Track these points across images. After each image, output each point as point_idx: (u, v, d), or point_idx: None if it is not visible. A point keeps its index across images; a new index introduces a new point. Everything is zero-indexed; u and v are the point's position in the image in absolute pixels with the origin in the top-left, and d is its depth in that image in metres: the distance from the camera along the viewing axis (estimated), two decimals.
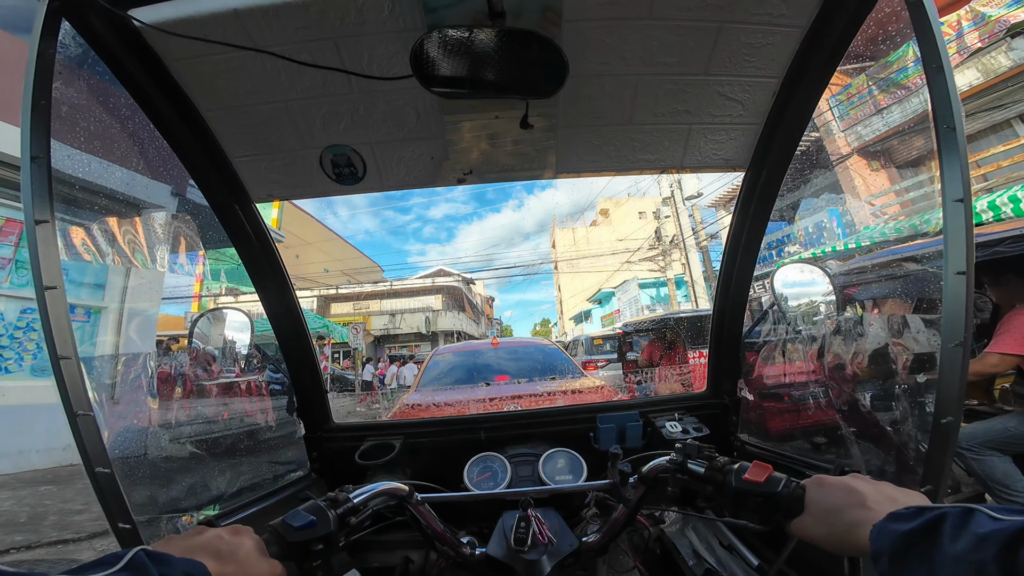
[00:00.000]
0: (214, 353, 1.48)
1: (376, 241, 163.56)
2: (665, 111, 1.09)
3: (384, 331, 27.59)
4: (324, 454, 1.49)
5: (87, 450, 0.71)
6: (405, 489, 0.86)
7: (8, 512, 4.05)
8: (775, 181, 1.15)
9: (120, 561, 0.42)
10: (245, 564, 0.54)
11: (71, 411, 0.70)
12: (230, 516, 1.05)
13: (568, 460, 1.28)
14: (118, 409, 1.01)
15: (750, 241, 1.24)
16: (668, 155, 1.19)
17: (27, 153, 0.70)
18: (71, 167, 0.90)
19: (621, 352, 7.70)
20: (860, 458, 1.10)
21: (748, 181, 1.19)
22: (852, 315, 1.17)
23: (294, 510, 0.65)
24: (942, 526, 0.41)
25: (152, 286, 6.94)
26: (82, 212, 1.07)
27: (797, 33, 0.95)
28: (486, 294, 54.53)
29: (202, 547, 0.53)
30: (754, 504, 0.65)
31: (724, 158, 1.18)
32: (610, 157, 1.18)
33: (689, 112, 1.09)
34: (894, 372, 1.07)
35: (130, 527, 0.73)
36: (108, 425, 0.84)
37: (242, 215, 1.23)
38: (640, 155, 1.18)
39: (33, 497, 4.51)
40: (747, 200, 1.20)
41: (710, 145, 1.17)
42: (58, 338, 0.72)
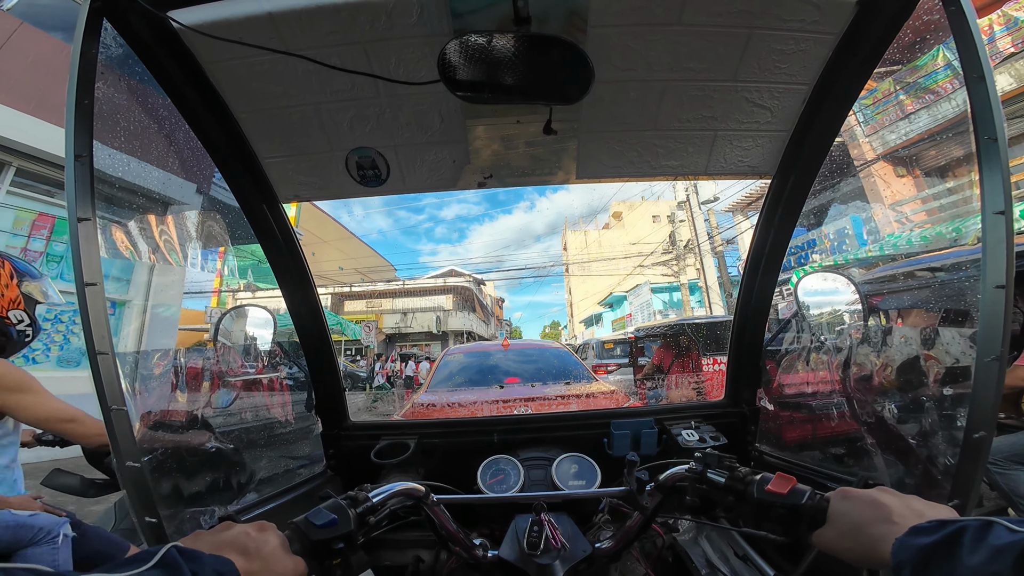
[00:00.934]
0: (237, 349, 1.51)
1: (389, 240, 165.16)
2: (691, 117, 1.08)
3: (396, 330, 27.84)
4: (340, 451, 1.51)
5: (119, 444, 0.72)
6: (422, 490, 0.87)
7: None
8: (802, 189, 1.13)
9: (152, 558, 0.43)
10: (271, 561, 0.55)
11: (106, 405, 0.72)
12: (249, 511, 1.06)
13: (581, 465, 1.28)
14: (147, 404, 1.04)
15: (774, 249, 1.22)
16: (692, 161, 1.18)
17: (71, 152, 0.71)
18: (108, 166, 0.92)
19: (633, 357, 7.63)
20: (884, 471, 1.07)
21: (774, 188, 1.18)
22: (880, 325, 1.14)
23: (316, 508, 0.65)
24: (962, 539, 0.41)
25: (174, 281, 7.12)
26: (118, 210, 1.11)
27: (830, 40, 0.94)
28: (496, 295, 54.65)
29: (230, 543, 0.54)
30: (776, 515, 0.64)
31: (750, 165, 1.17)
32: (632, 163, 1.18)
33: (715, 118, 1.07)
34: (923, 384, 1.04)
35: (156, 521, 0.74)
36: (138, 420, 0.86)
37: (269, 215, 1.26)
38: (663, 161, 1.17)
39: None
40: (773, 207, 1.18)
41: (736, 152, 1.15)
42: (96, 333, 0.73)
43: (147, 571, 0.41)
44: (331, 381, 1.48)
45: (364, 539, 0.69)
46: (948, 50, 7.98)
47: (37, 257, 5.95)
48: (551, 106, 0.94)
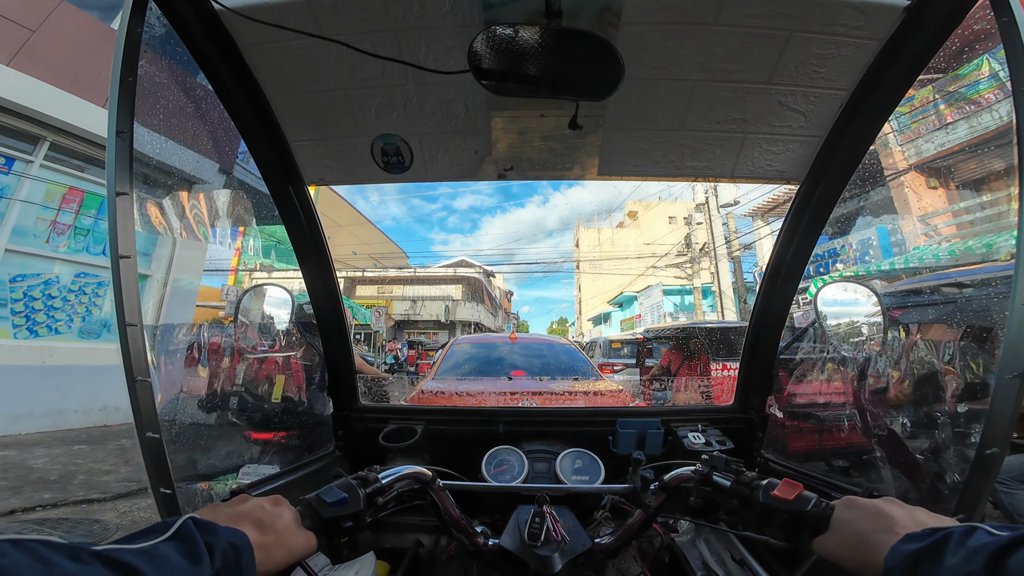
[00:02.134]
0: (256, 328, 1.55)
1: (402, 227, 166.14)
2: (720, 118, 1.06)
3: (404, 316, 28.09)
4: (349, 433, 1.54)
5: (141, 415, 0.74)
6: (429, 474, 0.88)
7: (41, 469, 4.16)
8: (831, 197, 1.11)
9: (169, 529, 0.44)
10: (284, 535, 0.56)
11: (131, 376, 0.74)
12: (260, 486, 1.09)
13: (585, 461, 1.29)
14: (168, 377, 1.07)
15: (797, 256, 1.20)
16: (719, 163, 1.16)
17: (113, 128, 0.73)
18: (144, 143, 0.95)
19: (640, 358, 7.58)
20: (891, 483, 1.06)
21: (802, 195, 1.16)
22: (900, 338, 1.12)
23: (327, 486, 0.67)
24: (948, 543, 0.42)
25: (195, 257, 7.26)
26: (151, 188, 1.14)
27: (873, 46, 0.91)
28: (505, 288, 54.68)
29: (245, 516, 0.55)
30: (780, 521, 0.65)
31: (778, 169, 1.15)
32: (656, 162, 1.17)
33: (746, 121, 1.06)
34: (940, 399, 1.03)
35: (170, 492, 0.77)
36: (160, 392, 0.89)
37: (295, 196, 1.28)
38: (689, 162, 1.15)
39: (66, 456, 4.65)
40: (799, 214, 1.16)
41: (765, 156, 1.13)
42: (127, 305, 0.76)
43: (163, 542, 0.42)
44: (344, 363, 1.51)
45: (372, 519, 0.71)
46: (994, 60, 7.66)
47: (66, 230, 6.13)
48: (578, 101, 0.94)
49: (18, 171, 5.74)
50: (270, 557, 0.53)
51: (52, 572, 0.32)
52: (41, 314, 5.86)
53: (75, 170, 6.25)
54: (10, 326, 5.55)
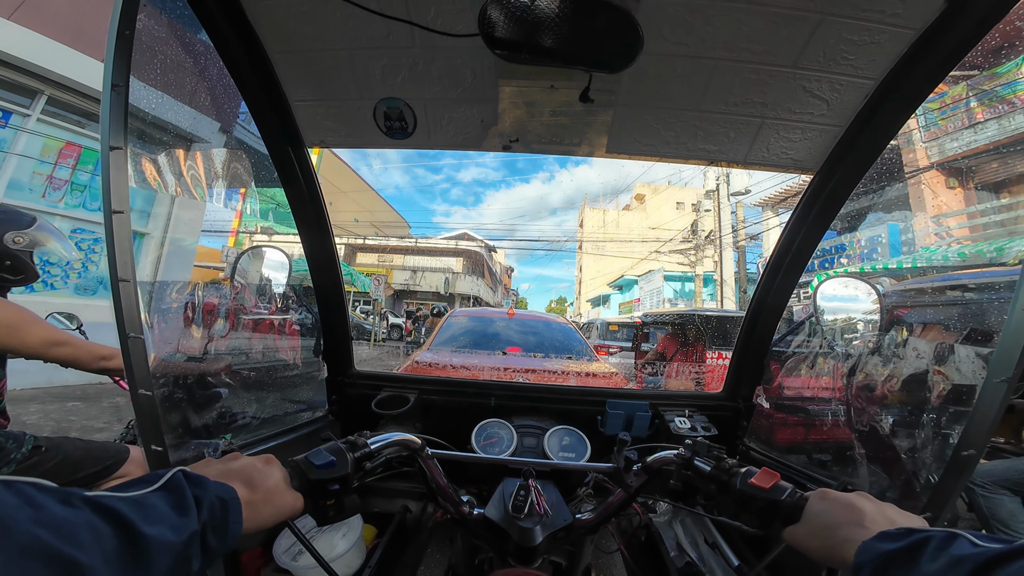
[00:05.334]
0: (251, 288, 1.55)
1: (405, 197, 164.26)
2: (739, 101, 1.02)
3: (404, 286, 28.16)
4: (343, 398, 1.56)
5: (134, 372, 0.74)
6: (418, 442, 0.90)
7: (34, 425, 4.16)
8: (844, 189, 1.07)
9: (159, 480, 0.45)
10: (273, 494, 0.58)
11: (123, 332, 0.73)
12: (252, 447, 1.11)
13: (573, 438, 1.31)
14: (162, 334, 1.07)
15: (802, 248, 1.18)
16: (732, 148, 1.12)
17: (108, 81, 0.71)
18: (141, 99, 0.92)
19: (636, 342, 7.64)
20: (866, 478, 1.09)
21: (815, 185, 1.13)
22: (895, 337, 1.12)
23: (316, 449, 0.68)
24: (925, 548, 0.42)
25: (194, 216, 7.19)
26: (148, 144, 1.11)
27: (909, 35, 0.86)
28: (506, 264, 54.54)
29: (236, 472, 0.56)
30: (755, 508, 0.66)
31: (794, 158, 1.11)
32: (667, 143, 1.13)
33: (765, 105, 1.01)
34: (926, 399, 1.03)
35: (162, 449, 0.77)
36: (153, 349, 0.89)
37: (295, 158, 1.25)
38: (701, 144, 1.12)
39: (60, 412, 4.69)
40: (808, 205, 1.14)
41: (781, 143, 1.09)
42: (120, 260, 0.74)
43: (152, 492, 0.43)
44: (340, 329, 1.51)
45: (359, 483, 0.72)
46: None
47: (62, 185, 6.06)
48: (591, 73, 0.90)
49: (15, 125, 5.63)
50: (257, 514, 0.55)
51: (41, 514, 0.33)
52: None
53: (73, 125, 6.11)
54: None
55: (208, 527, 0.44)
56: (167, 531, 0.40)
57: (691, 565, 1.19)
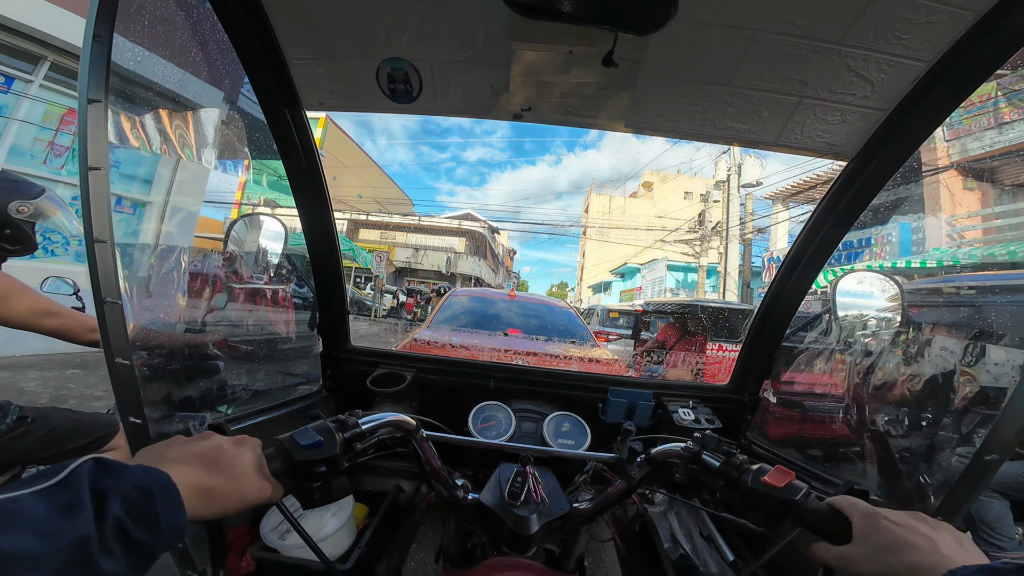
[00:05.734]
0: (246, 258, 1.49)
1: (409, 174, 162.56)
2: (776, 78, 0.93)
3: (406, 264, 28.13)
4: (338, 374, 1.53)
5: (110, 339, 0.70)
6: (412, 423, 0.86)
7: (32, 392, 4.15)
8: (879, 179, 1.00)
9: (60, 472, 0.39)
10: (238, 480, 0.53)
11: (99, 297, 0.69)
12: (240, 422, 1.08)
13: (573, 425, 1.28)
14: (145, 301, 1.02)
15: (827, 240, 1.11)
16: (763, 128, 1.03)
17: (90, 30, 0.67)
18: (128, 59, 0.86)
19: (637, 330, 7.62)
20: (875, 478, 1.06)
21: (848, 173, 1.04)
22: (915, 335, 1.07)
23: (303, 428, 0.63)
24: None
25: (196, 184, 7.10)
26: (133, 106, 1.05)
27: (968, 18, 0.78)
28: (508, 246, 54.28)
29: (199, 455, 0.52)
30: (765, 506, 0.64)
31: (829, 142, 1.02)
32: (693, 119, 1.04)
33: (805, 83, 0.92)
34: (949, 400, 0.99)
35: (140, 422, 0.74)
36: (134, 316, 0.84)
37: (291, 122, 1.18)
38: (730, 123, 1.03)
39: (59, 380, 4.65)
40: (839, 194, 1.06)
41: (817, 125, 1.01)
42: (96, 220, 0.70)
43: (40, 491, 0.37)
44: (337, 302, 1.47)
45: (348, 464, 0.68)
46: None
47: (63, 152, 5.98)
48: (616, 34, 0.81)
49: (17, 90, 5.56)
50: (215, 501, 0.50)
51: None
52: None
53: (75, 91, 6.00)
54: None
55: (128, 521, 0.39)
56: (33, 540, 0.33)
57: (685, 558, 1.17)
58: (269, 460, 0.58)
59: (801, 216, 13.93)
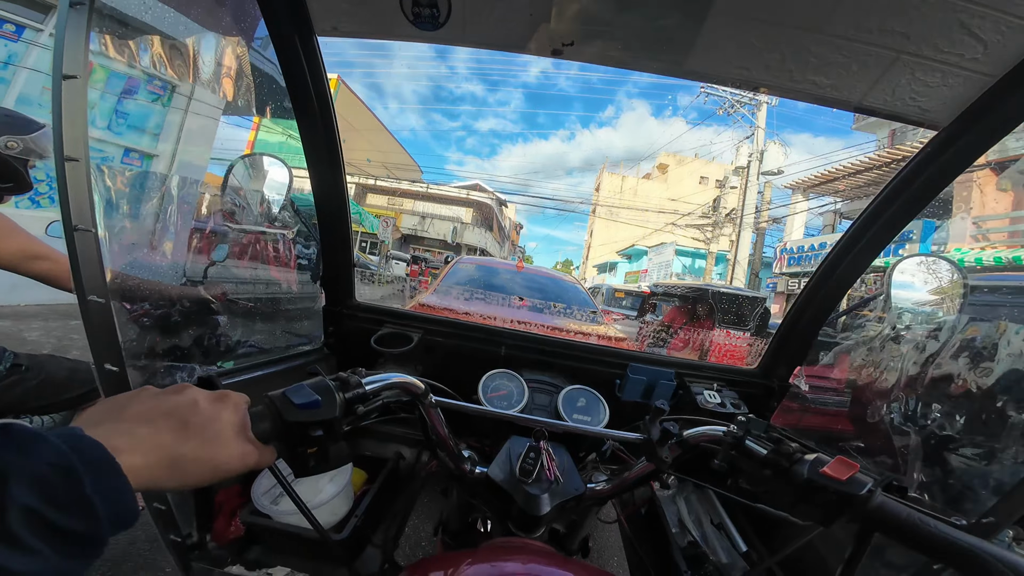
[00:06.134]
0: (246, 201, 1.38)
1: (420, 141, 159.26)
2: (875, 28, 0.78)
3: (412, 231, 27.90)
4: (341, 331, 1.44)
5: (81, 273, 0.61)
6: (421, 387, 0.78)
7: (34, 343, 4.02)
8: (971, 154, 0.86)
9: None
10: (213, 444, 0.43)
11: (69, 224, 0.60)
12: (233, 376, 1.00)
13: (590, 400, 1.20)
14: (127, 233, 0.91)
15: (894, 217, 0.98)
16: (848, 85, 0.88)
17: None
18: None
19: (642, 311, 7.53)
20: (915, 475, 0.98)
21: (935, 145, 0.90)
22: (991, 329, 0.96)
23: (298, 384, 0.54)
24: None
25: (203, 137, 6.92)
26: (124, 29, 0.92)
27: None
28: (515, 220, 53.65)
29: (167, 413, 0.42)
30: (822, 500, 0.57)
31: (921, 107, 0.86)
32: (767, 68, 0.89)
33: (907, 37, 0.76)
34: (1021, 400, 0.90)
35: (118, 370, 0.65)
36: (112, 249, 0.74)
37: (301, 48, 1.04)
38: (811, 75, 0.87)
39: (62, 330, 4.50)
40: (919, 168, 0.92)
41: (913, 86, 0.86)
42: (68, 135, 0.59)
43: None
44: (342, 254, 1.36)
45: (349, 428, 0.59)
46: None
47: None
48: None
49: (27, 39, 5.45)
50: (182, 471, 0.41)
51: None
52: (44, 184, 5.59)
53: None
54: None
55: (43, 508, 0.30)
56: None
57: (694, 545, 1.12)
58: (256, 420, 0.49)
59: (820, 208, 13.52)
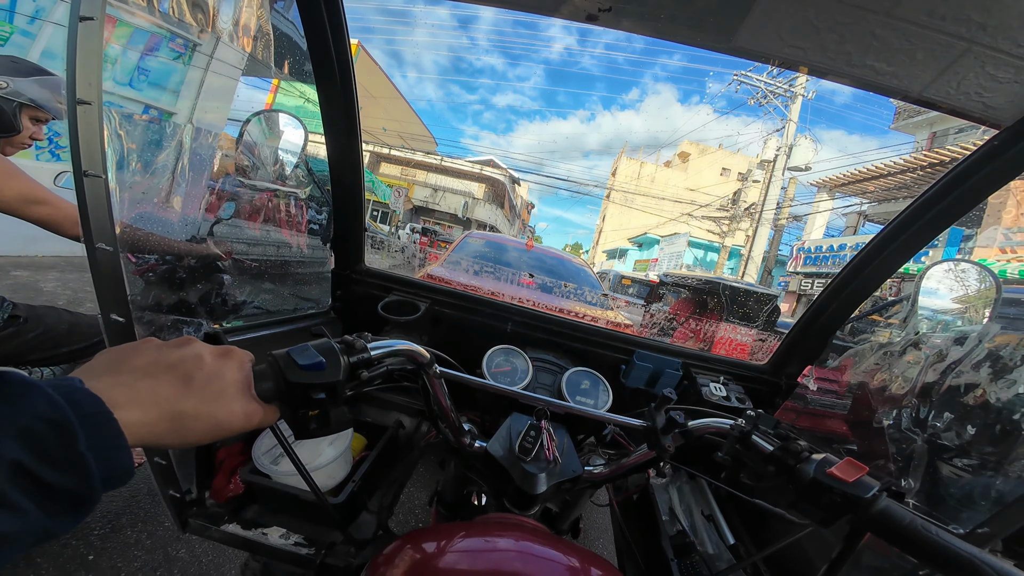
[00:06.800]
0: (261, 157, 1.35)
1: (436, 112, 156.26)
2: (950, 14, 0.70)
3: (423, 203, 27.76)
4: (348, 295, 1.43)
5: (90, 219, 0.59)
6: (426, 356, 0.76)
7: (50, 293, 4.03)
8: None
9: None
10: (217, 399, 0.42)
11: (79, 169, 0.58)
12: (238, 333, 0.99)
13: (594, 383, 1.19)
14: (136, 183, 0.89)
15: (936, 219, 0.93)
16: (911, 74, 0.81)
17: None
18: None
19: (650, 301, 7.49)
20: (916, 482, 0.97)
21: (994, 145, 0.84)
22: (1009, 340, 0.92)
23: (303, 344, 0.52)
24: None
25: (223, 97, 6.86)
26: None
27: None
28: (527, 199, 52.95)
29: (172, 365, 0.40)
30: (826, 501, 0.56)
31: (986, 104, 0.78)
32: (824, 48, 0.81)
33: (984, 28, 0.68)
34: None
35: (124, 321, 0.64)
36: (121, 197, 0.72)
37: (325, 12, 1.00)
38: (871, 60, 0.79)
39: (78, 282, 4.51)
40: (973, 169, 0.86)
41: (980, 81, 0.79)
42: (81, 77, 0.57)
43: None
44: (353, 217, 1.33)
45: (351, 393, 0.58)
46: None
47: None
48: None
49: None
50: (185, 428, 0.39)
51: None
52: (64, 138, 5.71)
53: None
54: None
55: (33, 463, 0.28)
56: None
57: (683, 534, 1.13)
58: (258, 379, 0.47)
59: (845, 208, 13.05)
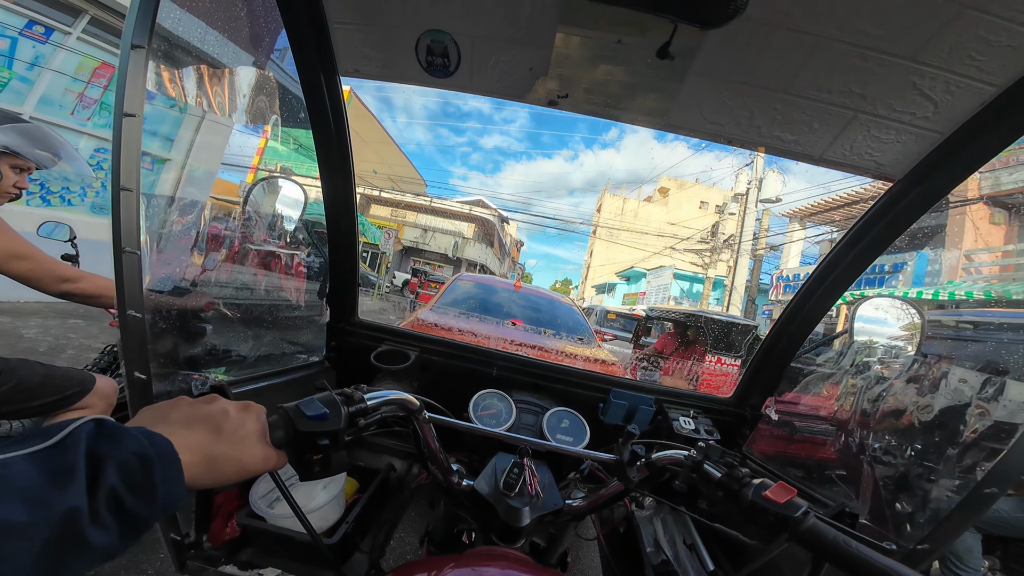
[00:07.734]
0: (262, 221, 1.47)
1: (425, 155, 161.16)
2: (835, 88, 0.88)
3: (413, 244, 28.09)
4: (342, 346, 1.52)
5: (124, 290, 0.69)
6: (416, 403, 0.85)
7: (31, 340, 4.10)
8: (923, 204, 0.96)
9: (58, 434, 0.36)
10: (241, 446, 0.51)
11: (119, 246, 0.68)
12: (242, 385, 1.07)
13: (573, 422, 1.27)
14: (161, 256, 1.01)
15: (857, 260, 1.08)
16: (811, 140, 0.99)
17: None
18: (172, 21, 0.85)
19: (637, 335, 7.59)
20: (866, 503, 1.05)
21: (891, 196, 1.01)
22: (934, 366, 1.04)
23: (309, 398, 0.62)
24: None
25: (216, 145, 7.07)
26: (169, 59, 1.02)
27: None
28: (516, 237, 53.97)
29: (204, 419, 0.49)
30: (764, 521, 0.63)
31: (877, 161, 0.97)
32: (738, 123, 1.00)
33: (864, 98, 0.87)
34: (958, 431, 0.98)
35: (145, 378, 0.73)
36: (149, 270, 0.84)
37: (325, 87, 1.16)
38: (777, 131, 0.98)
39: (60, 328, 4.58)
40: (877, 216, 1.02)
41: (868, 143, 0.96)
42: (124, 167, 0.68)
43: (41, 451, 0.34)
44: (348, 274, 1.45)
45: (349, 439, 0.66)
46: None
47: (92, 104, 6.03)
48: (676, 25, 0.78)
49: (55, 41, 5.58)
50: (216, 470, 0.48)
51: None
52: (56, 183, 5.81)
53: (111, 46, 6.04)
54: None
55: (123, 491, 0.35)
56: (19, 509, 0.30)
57: (666, 564, 1.17)
58: (272, 428, 0.57)
59: (817, 237, 13.75)
